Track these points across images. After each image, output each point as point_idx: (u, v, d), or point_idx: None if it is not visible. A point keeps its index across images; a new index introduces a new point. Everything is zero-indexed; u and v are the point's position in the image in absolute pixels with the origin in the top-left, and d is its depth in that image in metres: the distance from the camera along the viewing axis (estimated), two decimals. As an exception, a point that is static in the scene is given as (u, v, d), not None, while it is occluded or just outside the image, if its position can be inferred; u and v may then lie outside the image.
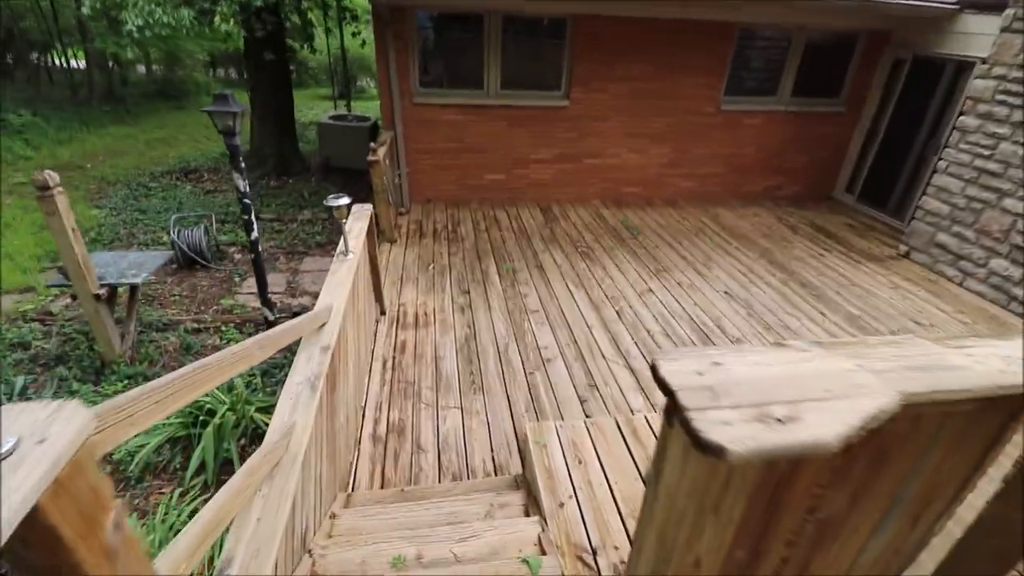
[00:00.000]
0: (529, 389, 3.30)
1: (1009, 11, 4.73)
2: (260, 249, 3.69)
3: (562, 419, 3.02)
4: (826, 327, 4.26)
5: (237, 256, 5.82)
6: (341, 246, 2.98)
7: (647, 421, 2.76)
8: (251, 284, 5.01)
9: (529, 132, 6.23)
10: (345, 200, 2.88)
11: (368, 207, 3.68)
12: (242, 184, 3.34)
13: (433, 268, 4.75)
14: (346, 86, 12.79)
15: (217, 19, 6.89)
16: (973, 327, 4.42)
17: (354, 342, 3.01)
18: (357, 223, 3.47)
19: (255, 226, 3.53)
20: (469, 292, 4.37)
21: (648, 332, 3.98)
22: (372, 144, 5.00)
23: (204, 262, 5.34)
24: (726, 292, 4.68)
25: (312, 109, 14.78)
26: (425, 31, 5.79)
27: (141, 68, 18.63)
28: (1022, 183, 4.61)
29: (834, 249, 5.78)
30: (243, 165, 3.29)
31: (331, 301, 2.50)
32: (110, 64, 14.82)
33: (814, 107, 6.81)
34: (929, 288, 5.04)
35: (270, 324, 4.15)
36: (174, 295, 4.95)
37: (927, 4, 5.61)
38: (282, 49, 8.27)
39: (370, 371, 3.42)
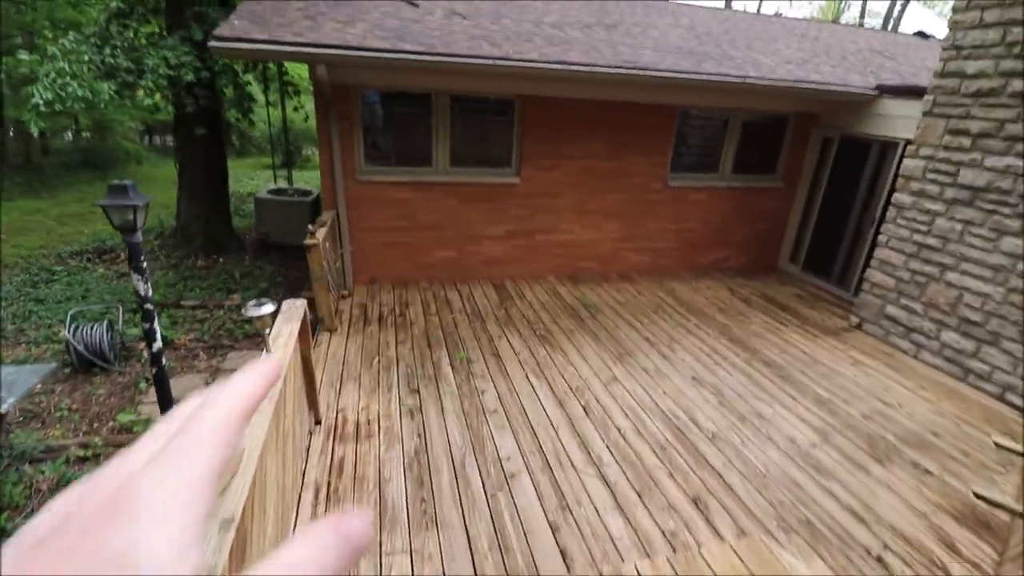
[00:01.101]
0: (492, 518, 2.81)
1: (928, 97, 5.08)
2: (163, 363, 3.10)
3: (533, 559, 2.53)
4: (798, 412, 4.06)
5: (147, 354, 5.07)
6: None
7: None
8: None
9: (482, 209, 6.04)
10: (268, 308, 2.42)
11: (301, 303, 3.21)
12: (143, 287, 2.81)
13: (379, 362, 4.25)
14: (288, 156, 12.45)
15: (141, 93, 6.46)
16: (937, 405, 4.35)
17: (277, 476, 2.46)
18: (287, 325, 2.99)
19: (157, 336, 2.97)
20: (419, 391, 3.89)
21: (619, 431, 3.61)
22: (310, 226, 4.59)
23: (105, 365, 4.59)
24: (694, 378, 4.44)
25: (253, 179, 14.27)
26: (372, 107, 5.60)
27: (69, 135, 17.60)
28: (962, 258, 4.76)
29: (789, 322, 5.76)
30: (145, 264, 2.78)
31: (242, 444, 1.98)
32: (33, 132, 13.86)
33: (753, 183, 7.07)
34: (887, 362, 5.02)
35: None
36: (62, 409, 4.14)
37: (848, 90, 6.03)
38: (217, 122, 7.88)
39: (298, 504, 2.83)
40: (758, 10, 22.71)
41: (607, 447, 3.42)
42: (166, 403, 3.26)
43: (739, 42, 7.36)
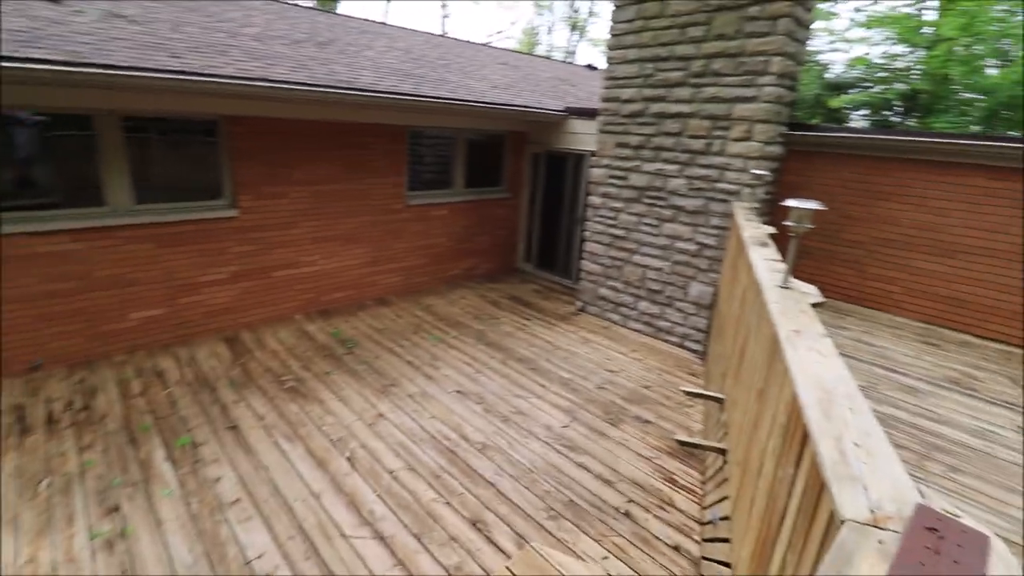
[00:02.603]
0: (244, 641, 2.26)
1: (600, 117, 6.22)
2: None
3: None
4: (550, 399, 4.50)
5: None
6: None
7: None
8: None
9: (192, 251, 5.00)
10: None
11: None
12: None
13: (49, 485, 3.08)
14: None
15: None
16: (645, 362, 5.38)
17: None
18: None
19: None
20: (120, 508, 2.94)
21: (391, 474, 3.39)
22: None
23: None
24: (458, 391, 4.51)
25: None
26: (8, 130, 4.05)
27: None
28: (641, 243, 5.99)
29: (533, 316, 6.41)
30: None
31: None
32: None
33: (485, 195, 7.66)
34: (607, 335, 6.01)
35: None
36: None
37: (546, 112, 7.02)
38: None
39: None
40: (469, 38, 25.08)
41: (380, 497, 3.16)
42: None
43: (453, 67, 7.86)
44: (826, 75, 16.34)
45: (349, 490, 3.20)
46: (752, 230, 3.55)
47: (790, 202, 2.26)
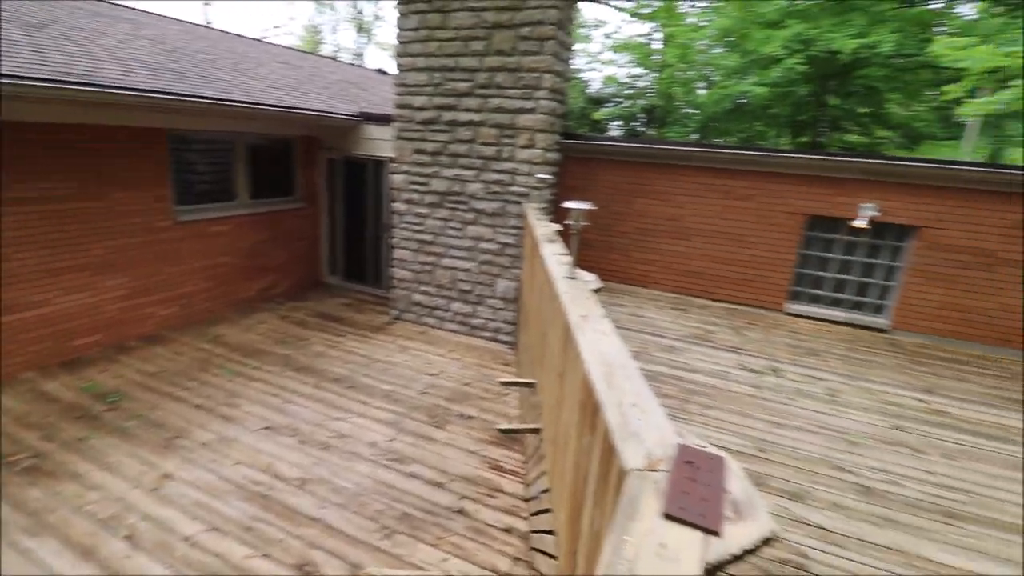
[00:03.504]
0: None
1: (395, 124, 6.17)
2: None
3: None
4: (372, 415, 4.34)
5: None
6: None
7: None
8: None
9: None
10: None
11: None
12: None
13: None
14: None
15: None
16: (463, 360, 5.56)
17: None
18: None
19: None
20: None
21: (188, 541, 2.87)
22: None
23: None
24: (266, 427, 4.04)
25: None
26: None
27: None
28: (448, 246, 6.16)
29: (345, 332, 6.09)
30: None
31: None
32: None
33: (277, 206, 6.98)
34: (424, 340, 6.04)
35: None
36: None
37: (338, 116, 6.69)
38: None
39: None
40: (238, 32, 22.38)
41: (176, 573, 2.65)
42: None
43: (222, 62, 6.93)
44: (588, 91, 18.99)
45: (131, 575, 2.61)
46: (543, 228, 3.94)
47: (568, 204, 2.58)
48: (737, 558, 0.97)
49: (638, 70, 18.55)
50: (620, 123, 19.44)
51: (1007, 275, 5.31)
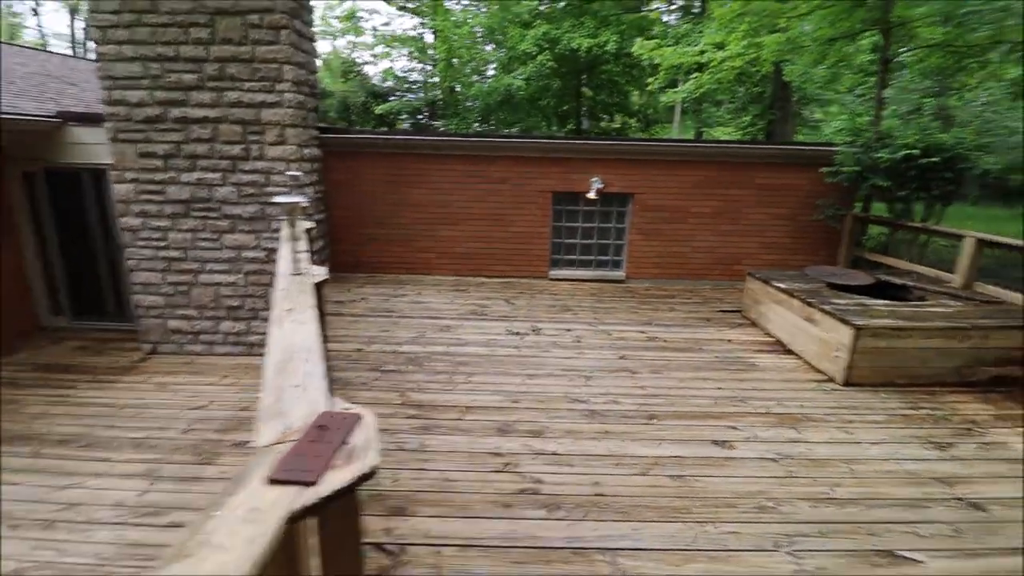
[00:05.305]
0: None
1: (109, 124, 5.19)
2: None
3: None
4: (117, 471, 3.69)
5: None
6: None
7: None
8: None
9: None
10: None
11: None
12: None
13: None
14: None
15: None
16: (240, 384, 5.07)
17: None
18: None
19: None
20: None
21: None
22: None
23: None
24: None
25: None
26: None
27: None
28: (204, 260, 5.48)
29: (78, 382, 5.01)
30: None
31: None
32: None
33: (-57, 237, 5.35)
34: (190, 371, 5.32)
35: None
36: None
37: (23, 118, 5.35)
38: None
39: None
40: None
41: None
42: None
43: None
44: (368, 84, 18.59)
45: None
46: (287, 228, 3.77)
47: (278, 199, 2.50)
48: (330, 499, 1.07)
49: (416, 64, 18.79)
50: (407, 117, 19.49)
51: (695, 224, 6.89)
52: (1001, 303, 4.83)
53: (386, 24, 19.87)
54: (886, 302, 4.76)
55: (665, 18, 17.68)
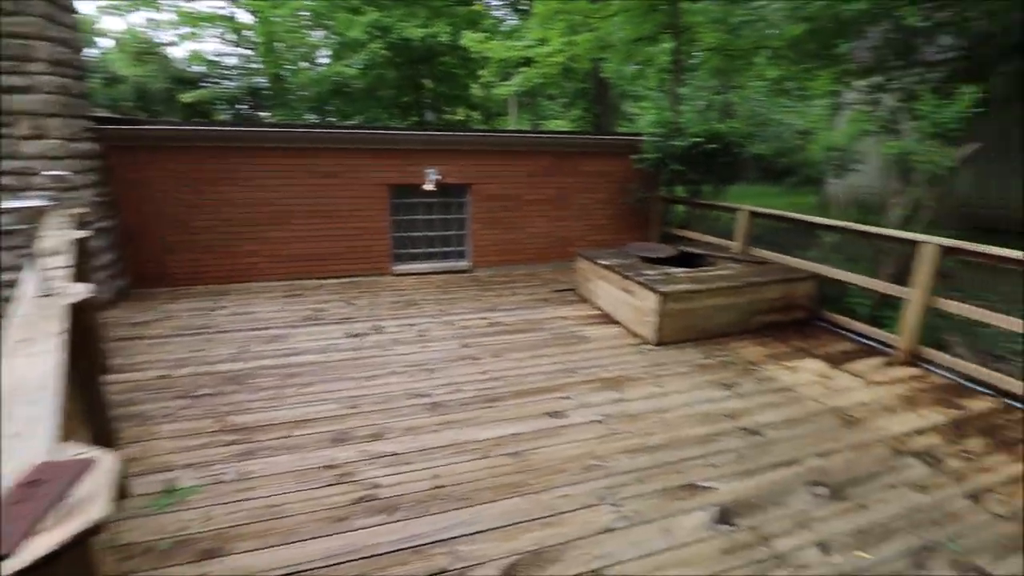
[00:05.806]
0: None
1: None
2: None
3: None
4: None
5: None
6: None
7: None
8: None
9: None
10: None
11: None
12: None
13: None
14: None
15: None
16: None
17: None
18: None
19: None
20: None
21: None
22: None
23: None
24: None
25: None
26: None
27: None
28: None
29: None
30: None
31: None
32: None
33: None
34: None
35: None
36: None
37: None
38: None
39: None
40: None
41: None
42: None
43: None
44: (171, 69, 16.14)
45: None
46: (47, 241, 3.11)
47: (9, 203, 2.03)
48: (32, 570, 0.90)
49: (230, 48, 16.77)
50: (225, 106, 17.35)
51: (528, 211, 7.27)
52: (769, 263, 5.91)
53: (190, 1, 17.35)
54: (685, 270, 5.54)
55: (497, 12, 18.18)
